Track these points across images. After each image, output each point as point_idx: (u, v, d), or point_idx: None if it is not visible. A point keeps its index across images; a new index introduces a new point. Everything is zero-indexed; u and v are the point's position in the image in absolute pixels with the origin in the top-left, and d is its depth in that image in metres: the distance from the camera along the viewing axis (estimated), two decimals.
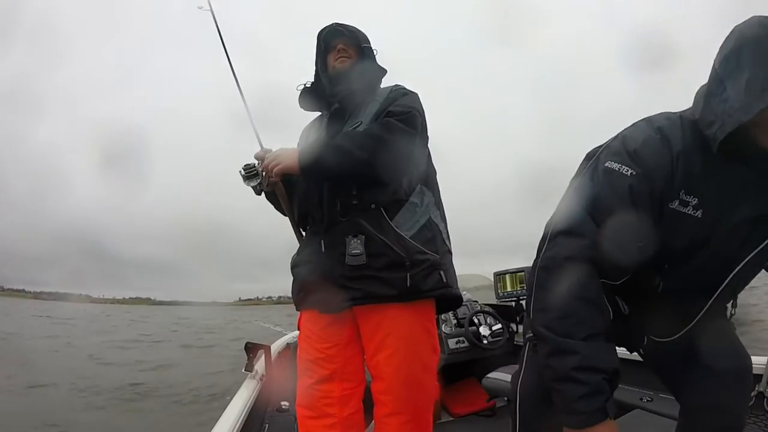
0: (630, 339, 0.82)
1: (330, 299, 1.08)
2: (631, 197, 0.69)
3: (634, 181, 0.69)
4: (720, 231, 0.70)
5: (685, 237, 0.70)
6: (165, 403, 5.90)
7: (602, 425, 0.66)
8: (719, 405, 0.82)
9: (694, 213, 0.69)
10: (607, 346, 0.68)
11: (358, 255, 1.04)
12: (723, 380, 0.82)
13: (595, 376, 0.66)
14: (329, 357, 1.11)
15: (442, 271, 1.10)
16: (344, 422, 1.10)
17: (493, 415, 2.26)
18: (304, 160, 1.06)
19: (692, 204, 0.69)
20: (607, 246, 0.68)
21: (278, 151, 1.12)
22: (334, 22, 1.22)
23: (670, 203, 0.69)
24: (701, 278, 0.74)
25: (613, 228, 0.68)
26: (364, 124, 1.12)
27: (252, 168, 1.16)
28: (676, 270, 0.74)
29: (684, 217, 0.69)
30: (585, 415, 0.66)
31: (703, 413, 0.85)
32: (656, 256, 0.72)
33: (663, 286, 0.75)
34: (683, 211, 0.69)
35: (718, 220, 0.69)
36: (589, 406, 0.66)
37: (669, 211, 0.69)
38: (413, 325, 1.10)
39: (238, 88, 1.22)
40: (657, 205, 0.69)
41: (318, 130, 1.23)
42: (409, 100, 1.15)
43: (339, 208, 1.09)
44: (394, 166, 1.06)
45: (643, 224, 0.68)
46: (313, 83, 1.26)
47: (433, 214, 1.14)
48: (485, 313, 2.45)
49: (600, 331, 0.68)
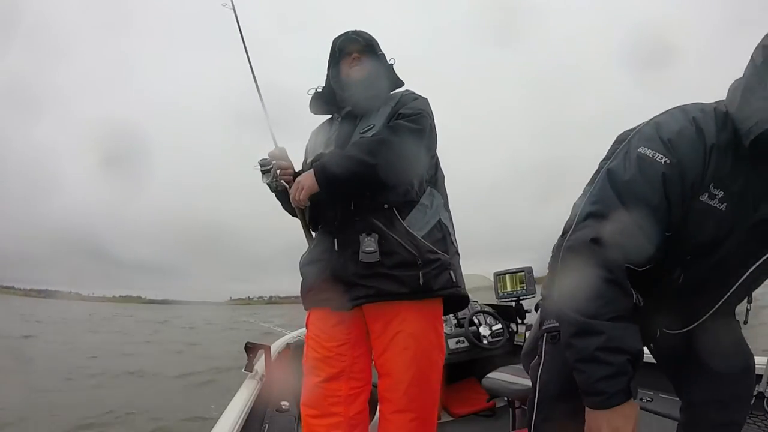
0: (643, 332, 0.82)
1: (342, 297, 1.09)
2: (663, 186, 0.68)
3: (667, 170, 0.68)
4: (742, 227, 0.70)
5: (710, 230, 0.70)
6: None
7: (625, 406, 0.66)
8: (722, 401, 0.83)
9: (719, 206, 0.68)
10: (632, 328, 0.68)
11: (372, 252, 1.06)
12: (727, 377, 0.83)
13: (620, 357, 0.66)
14: (338, 355, 1.12)
15: (452, 271, 1.13)
16: (349, 421, 1.10)
17: (493, 415, 2.26)
18: (320, 177, 1.09)
19: (719, 197, 0.68)
20: (634, 232, 0.68)
21: (299, 178, 1.14)
22: (350, 30, 1.24)
23: (701, 196, 0.69)
24: (720, 273, 0.75)
25: (642, 214, 0.68)
26: (376, 127, 1.14)
27: (266, 164, 1.19)
28: (697, 263, 0.73)
29: (711, 210, 0.69)
30: (608, 396, 0.66)
31: (706, 408, 0.86)
32: (681, 247, 0.72)
33: (683, 279, 0.74)
34: (711, 204, 0.69)
35: (743, 215, 0.69)
36: (612, 387, 0.66)
37: (698, 203, 0.69)
38: (423, 324, 1.11)
39: (256, 86, 1.24)
40: (688, 197, 0.69)
41: (328, 132, 1.24)
42: (419, 103, 1.17)
43: (352, 207, 1.11)
44: (404, 168, 1.08)
45: (673, 214, 0.69)
46: (324, 88, 1.28)
47: (443, 215, 1.17)
48: (485, 313, 2.46)
49: (625, 313, 0.68)
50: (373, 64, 1.23)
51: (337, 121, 1.25)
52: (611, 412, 0.66)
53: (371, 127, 1.15)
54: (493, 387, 1.76)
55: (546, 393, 0.88)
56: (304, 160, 1.31)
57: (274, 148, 1.23)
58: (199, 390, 6.39)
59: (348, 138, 1.17)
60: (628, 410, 0.67)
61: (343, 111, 1.23)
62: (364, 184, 1.08)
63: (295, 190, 1.13)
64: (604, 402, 0.67)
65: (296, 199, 1.13)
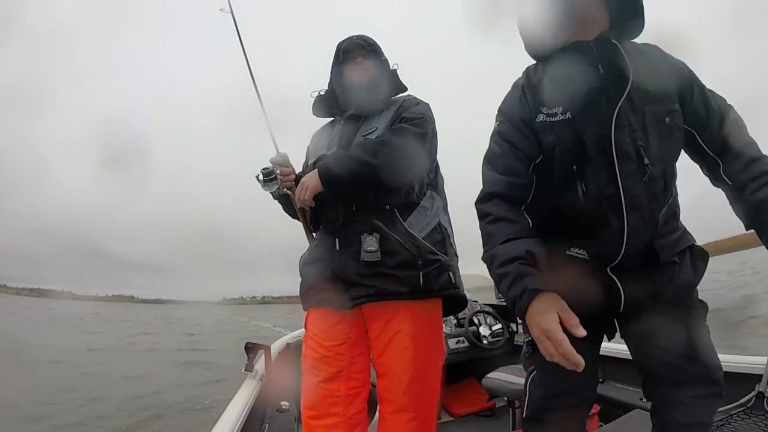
0: (606, 301, 0.83)
1: (343, 296, 1.09)
2: (500, 137, 0.86)
3: (498, 127, 0.88)
4: (586, 123, 0.79)
5: (561, 136, 0.81)
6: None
7: (539, 300, 0.71)
8: (683, 402, 0.84)
9: (563, 117, 0.81)
10: (521, 241, 0.77)
11: (373, 252, 1.07)
12: (690, 388, 0.83)
13: (512, 265, 0.74)
14: (337, 355, 1.12)
15: (452, 272, 1.14)
16: (348, 421, 1.10)
17: (493, 415, 2.26)
18: (324, 177, 1.10)
19: (559, 112, 0.81)
20: (499, 177, 0.84)
21: (303, 178, 1.16)
22: (356, 35, 1.24)
23: (536, 119, 0.83)
24: (606, 171, 0.79)
25: (499, 163, 0.85)
26: (379, 130, 1.15)
27: (270, 173, 1.19)
28: (585, 172, 0.81)
29: (550, 123, 0.82)
30: (518, 298, 0.73)
31: (671, 411, 0.86)
32: (560, 164, 0.82)
33: (586, 190, 0.81)
34: (553, 120, 0.82)
35: (590, 113, 0.79)
36: (517, 290, 0.73)
37: (539, 125, 0.83)
38: (423, 324, 1.12)
39: (256, 92, 1.25)
40: (526, 129, 0.84)
41: (330, 134, 1.25)
42: (422, 108, 1.19)
43: (354, 208, 1.12)
44: (406, 170, 1.10)
45: (526, 146, 0.84)
46: (326, 91, 1.28)
47: (442, 218, 1.19)
48: (485, 313, 2.46)
49: (516, 236, 0.78)
50: (376, 67, 1.23)
51: (339, 123, 1.25)
52: (530, 313, 0.72)
53: (374, 130, 1.16)
54: (493, 387, 1.76)
55: (534, 394, 0.91)
56: (305, 162, 1.31)
57: (275, 154, 1.25)
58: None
59: (350, 140, 1.17)
60: (541, 304, 0.71)
61: (345, 114, 1.24)
62: (366, 184, 1.09)
63: (300, 190, 1.14)
64: (520, 306, 0.73)
65: (302, 199, 1.14)
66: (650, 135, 0.78)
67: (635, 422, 1.44)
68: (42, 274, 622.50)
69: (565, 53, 0.83)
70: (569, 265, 0.84)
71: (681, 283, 0.85)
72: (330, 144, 1.21)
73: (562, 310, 0.70)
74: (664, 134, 0.79)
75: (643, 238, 0.80)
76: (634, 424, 1.43)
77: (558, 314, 0.69)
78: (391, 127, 1.15)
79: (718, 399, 0.87)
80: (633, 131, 0.78)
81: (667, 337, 0.84)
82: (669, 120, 0.79)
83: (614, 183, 0.78)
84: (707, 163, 0.85)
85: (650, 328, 0.84)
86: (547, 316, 0.69)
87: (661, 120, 0.79)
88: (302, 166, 1.31)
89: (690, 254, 0.87)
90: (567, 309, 0.70)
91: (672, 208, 0.84)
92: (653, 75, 0.80)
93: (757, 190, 0.77)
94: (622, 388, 1.69)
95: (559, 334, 0.67)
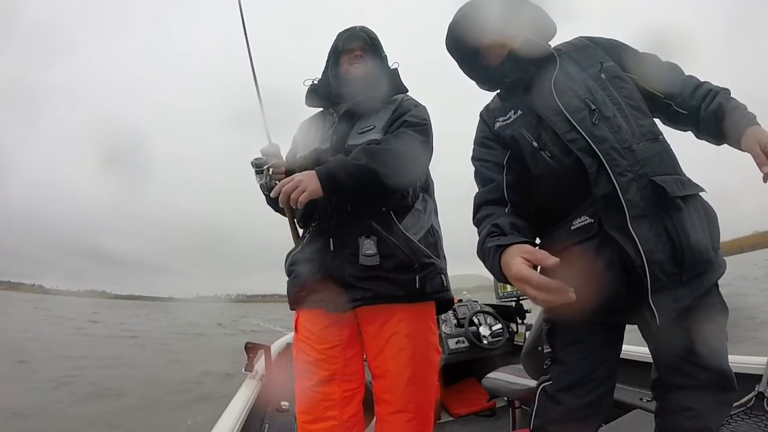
0: (629, 274, 0.80)
1: (338, 298, 1.07)
2: (474, 160, 0.98)
3: (474, 153, 0.99)
4: (541, 100, 0.88)
5: (522, 122, 0.91)
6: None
7: (505, 255, 0.76)
8: (693, 408, 0.83)
9: (516, 115, 0.92)
10: (492, 223, 0.84)
11: (372, 256, 1.06)
12: (703, 392, 0.83)
13: (485, 243, 0.81)
14: (329, 358, 1.10)
15: (443, 275, 1.15)
16: (345, 424, 1.09)
17: (493, 415, 2.26)
18: (327, 184, 1.03)
19: (511, 114, 0.93)
20: (483, 189, 0.93)
21: (299, 176, 1.04)
22: (359, 26, 1.20)
23: (494, 127, 0.95)
24: (567, 127, 0.85)
25: (481, 177, 0.95)
26: (376, 129, 1.13)
27: (262, 164, 1.12)
28: (544, 140, 0.87)
29: (511, 122, 0.93)
30: (493, 265, 0.78)
31: (677, 416, 0.86)
32: (532, 161, 0.89)
33: (552, 155, 0.86)
34: (508, 122, 0.93)
35: (535, 96, 0.89)
36: (489, 258, 0.79)
37: (498, 130, 0.94)
38: (418, 325, 1.12)
39: (255, 83, 1.18)
40: (489, 140, 0.96)
41: (321, 127, 1.21)
42: (422, 112, 1.17)
43: (349, 208, 1.09)
44: (412, 177, 1.10)
45: (496, 156, 0.94)
46: (320, 81, 1.24)
47: (435, 221, 1.18)
48: (485, 313, 2.46)
49: (495, 230, 0.82)
50: (374, 64, 1.21)
51: (330, 115, 1.22)
52: (503, 271, 0.76)
53: (371, 128, 1.13)
54: (493, 387, 1.76)
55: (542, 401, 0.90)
56: (290, 151, 1.26)
57: (267, 144, 1.17)
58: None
59: (345, 136, 1.14)
60: (506, 257, 0.75)
61: (337, 106, 1.20)
62: (372, 192, 1.07)
63: (296, 190, 1.02)
64: (494, 270, 0.78)
65: (295, 200, 1.02)
66: (593, 89, 0.86)
67: (635, 422, 1.44)
68: (9, 267, 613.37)
69: (501, 76, 0.96)
70: (580, 244, 0.82)
71: (696, 244, 0.79)
72: (323, 138, 1.17)
73: (525, 252, 0.72)
74: (605, 85, 0.87)
75: (628, 167, 0.80)
76: (634, 425, 1.43)
77: (522, 257, 0.71)
78: (391, 129, 1.12)
79: (728, 408, 0.87)
80: (575, 91, 0.86)
81: (686, 344, 0.83)
82: (604, 75, 0.88)
83: (573, 130, 0.83)
84: (661, 107, 0.91)
85: (672, 331, 0.82)
86: (511, 263, 0.72)
87: (596, 77, 0.88)
88: (287, 156, 1.24)
89: (701, 207, 0.86)
90: (531, 249, 0.73)
91: (659, 147, 0.85)
92: (577, 50, 0.93)
93: (709, 104, 0.85)
94: (623, 388, 1.69)
95: (525, 271, 0.69)
